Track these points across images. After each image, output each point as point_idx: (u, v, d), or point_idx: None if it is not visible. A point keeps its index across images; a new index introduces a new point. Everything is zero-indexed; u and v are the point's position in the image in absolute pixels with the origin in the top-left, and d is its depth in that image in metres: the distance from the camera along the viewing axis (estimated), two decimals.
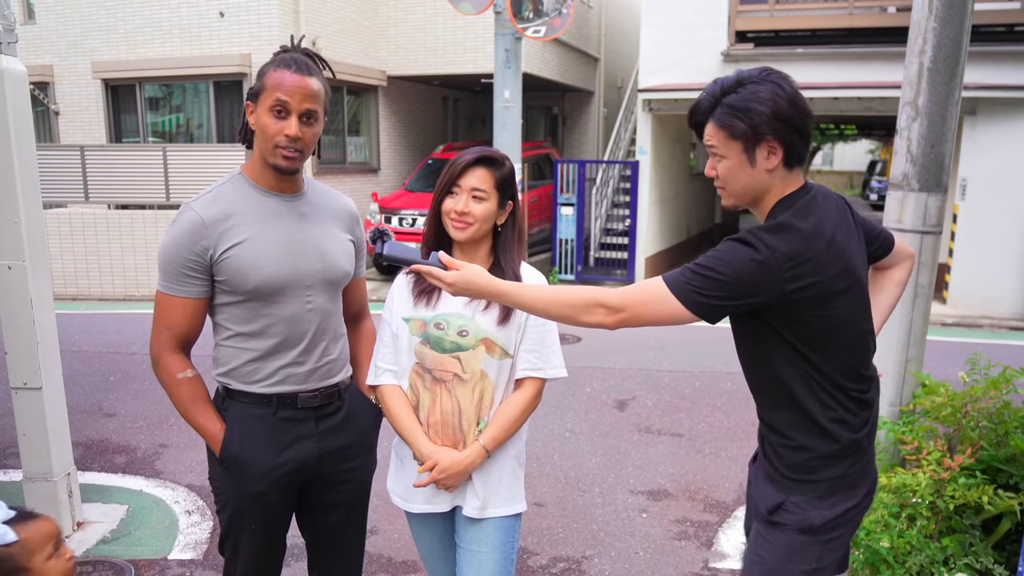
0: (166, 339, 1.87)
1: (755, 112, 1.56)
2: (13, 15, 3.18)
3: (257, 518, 1.96)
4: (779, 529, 1.72)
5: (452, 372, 1.89)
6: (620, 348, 6.97)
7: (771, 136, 1.57)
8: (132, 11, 10.97)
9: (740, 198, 1.69)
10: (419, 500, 1.97)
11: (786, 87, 1.58)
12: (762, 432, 1.82)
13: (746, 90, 1.58)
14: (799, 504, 1.70)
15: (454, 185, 1.88)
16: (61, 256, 9.31)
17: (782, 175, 1.63)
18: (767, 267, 1.54)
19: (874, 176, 26.55)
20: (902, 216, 2.76)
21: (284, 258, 1.88)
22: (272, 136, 1.83)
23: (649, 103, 10.43)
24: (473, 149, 1.93)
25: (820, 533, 1.69)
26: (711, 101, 1.62)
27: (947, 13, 2.61)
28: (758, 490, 1.79)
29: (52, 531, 1.54)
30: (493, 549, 1.95)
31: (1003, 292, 9.10)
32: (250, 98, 1.87)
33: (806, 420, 1.67)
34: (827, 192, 1.71)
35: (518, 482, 2.00)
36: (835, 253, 1.59)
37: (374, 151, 12.67)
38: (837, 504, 1.70)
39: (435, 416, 1.91)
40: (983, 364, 2.70)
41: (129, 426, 4.99)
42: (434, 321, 1.90)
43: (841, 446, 1.68)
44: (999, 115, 8.94)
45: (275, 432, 1.92)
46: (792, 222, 1.59)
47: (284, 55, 1.87)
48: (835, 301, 1.60)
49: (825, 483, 1.69)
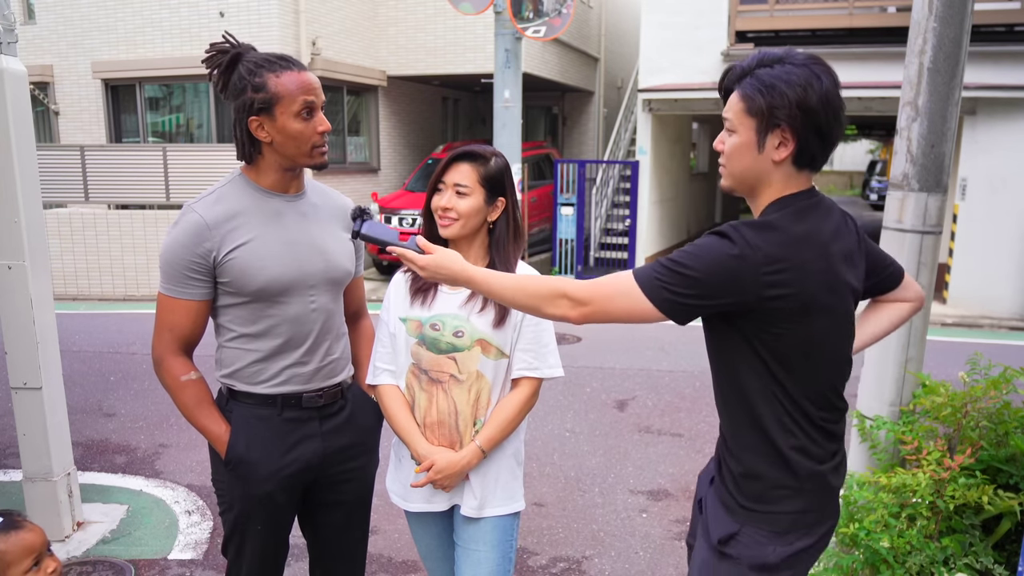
0: (169, 342, 1.86)
1: (779, 92, 1.42)
2: (13, 15, 3.18)
3: (263, 519, 1.96)
4: (729, 562, 1.58)
5: (448, 373, 1.88)
6: (620, 348, 6.98)
7: (786, 125, 1.43)
8: (132, 11, 10.97)
9: (737, 181, 1.56)
10: (417, 499, 1.97)
11: (824, 81, 1.43)
12: (720, 452, 1.66)
13: (783, 68, 1.44)
14: (754, 537, 1.55)
15: (439, 182, 1.89)
16: (61, 256, 9.31)
17: (788, 172, 1.49)
18: (744, 265, 1.40)
19: (874, 176, 26.55)
20: (902, 216, 2.75)
21: (288, 259, 1.87)
22: (308, 139, 1.82)
23: (649, 103, 10.43)
24: (462, 146, 1.93)
25: (774, 572, 1.55)
26: (745, 69, 1.49)
27: (947, 13, 2.61)
28: (711, 512, 1.64)
29: (34, 544, 1.53)
30: (491, 548, 1.95)
31: (1003, 292, 9.10)
32: (259, 112, 1.79)
33: (766, 444, 1.53)
34: (834, 205, 1.58)
35: (516, 481, 1.99)
36: (825, 265, 1.46)
37: (374, 151, 12.67)
38: (795, 542, 1.55)
39: (432, 417, 1.91)
40: (983, 364, 2.70)
41: (129, 426, 4.99)
42: (430, 322, 1.90)
43: (800, 478, 1.54)
44: (999, 115, 8.94)
45: (280, 433, 1.92)
46: (781, 223, 1.46)
47: (258, 55, 1.83)
48: (815, 318, 1.46)
49: (785, 517, 1.55)
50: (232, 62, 1.83)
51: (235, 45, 1.85)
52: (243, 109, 1.80)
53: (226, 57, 1.83)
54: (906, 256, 2.75)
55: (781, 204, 1.50)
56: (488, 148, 1.93)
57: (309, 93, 1.81)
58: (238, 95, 1.81)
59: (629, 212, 10.91)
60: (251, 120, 1.81)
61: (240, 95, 1.80)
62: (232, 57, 1.83)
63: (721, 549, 1.59)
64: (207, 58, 1.85)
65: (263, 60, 1.81)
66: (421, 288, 1.93)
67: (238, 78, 1.81)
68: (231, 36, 1.87)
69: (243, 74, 1.80)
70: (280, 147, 1.83)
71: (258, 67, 1.80)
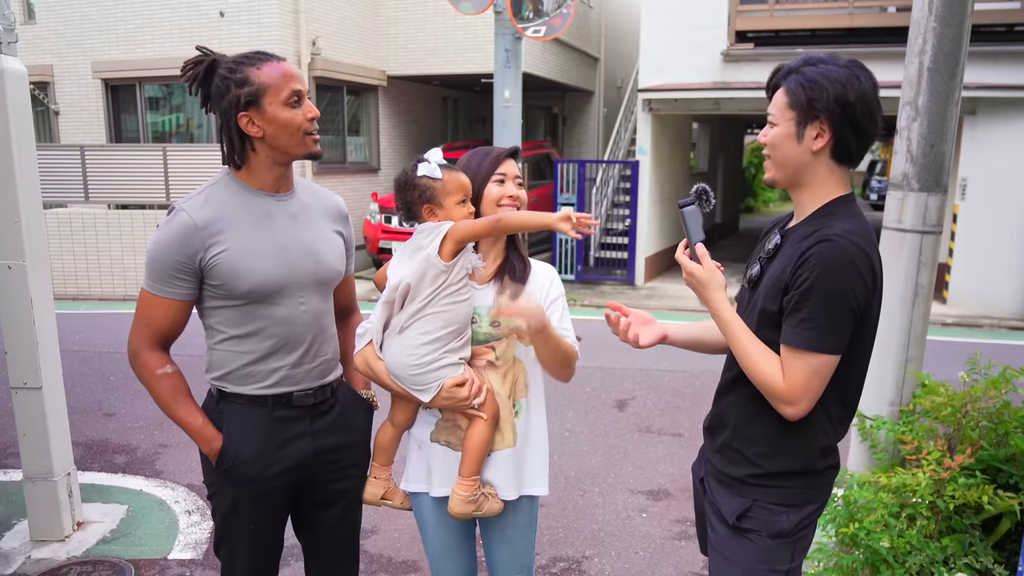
0: (146, 336, 1.86)
1: (820, 87, 1.53)
2: (13, 15, 3.18)
3: (255, 518, 1.96)
4: (748, 536, 1.69)
5: (486, 359, 1.93)
6: (620, 348, 6.95)
7: (825, 118, 1.54)
8: (132, 11, 10.97)
9: (782, 171, 1.64)
10: (442, 484, 1.97)
11: (864, 81, 1.55)
12: (724, 439, 1.76)
13: (826, 67, 1.56)
14: (767, 507, 1.67)
15: (497, 173, 1.95)
16: (61, 256, 9.31)
17: (829, 164, 1.60)
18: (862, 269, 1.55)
19: (874, 176, 26.55)
20: (902, 216, 2.76)
21: (277, 261, 1.87)
22: (299, 126, 1.83)
23: (649, 103, 10.42)
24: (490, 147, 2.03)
25: (791, 535, 1.67)
26: (791, 68, 1.61)
27: (947, 13, 2.61)
28: (721, 498, 1.75)
29: (466, 185, 1.88)
30: (523, 528, 2.03)
31: (1003, 292, 9.10)
32: (246, 107, 1.79)
33: (796, 438, 1.64)
34: None
35: (546, 461, 2.04)
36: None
37: (374, 151, 12.67)
38: (805, 506, 1.69)
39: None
40: (983, 364, 2.70)
41: (129, 426, 4.99)
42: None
43: (826, 460, 1.68)
44: (999, 115, 8.94)
45: (271, 431, 1.92)
46: (865, 225, 1.58)
47: (233, 56, 1.84)
48: (878, 315, 1.62)
49: (797, 491, 1.67)
50: (209, 70, 1.83)
51: (208, 54, 1.85)
52: (231, 107, 1.80)
53: (202, 67, 1.83)
54: (906, 256, 2.75)
55: (843, 203, 1.61)
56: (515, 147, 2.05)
57: (294, 82, 1.82)
58: (222, 96, 1.80)
59: (629, 212, 10.90)
60: (240, 117, 1.80)
61: (225, 95, 1.80)
62: (208, 65, 1.83)
63: (738, 525, 1.69)
64: (184, 75, 1.85)
65: (240, 58, 1.82)
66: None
67: (220, 80, 1.81)
68: (205, 48, 1.87)
69: (224, 75, 1.80)
70: (272, 139, 1.83)
71: (237, 65, 1.81)
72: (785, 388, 1.55)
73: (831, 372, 1.55)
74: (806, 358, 1.52)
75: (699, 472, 1.89)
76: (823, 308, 1.50)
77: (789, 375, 1.54)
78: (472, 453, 1.89)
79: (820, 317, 1.50)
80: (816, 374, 1.53)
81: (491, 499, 1.92)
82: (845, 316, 1.51)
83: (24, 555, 3.31)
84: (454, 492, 1.90)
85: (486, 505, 1.91)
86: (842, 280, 1.49)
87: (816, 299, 1.50)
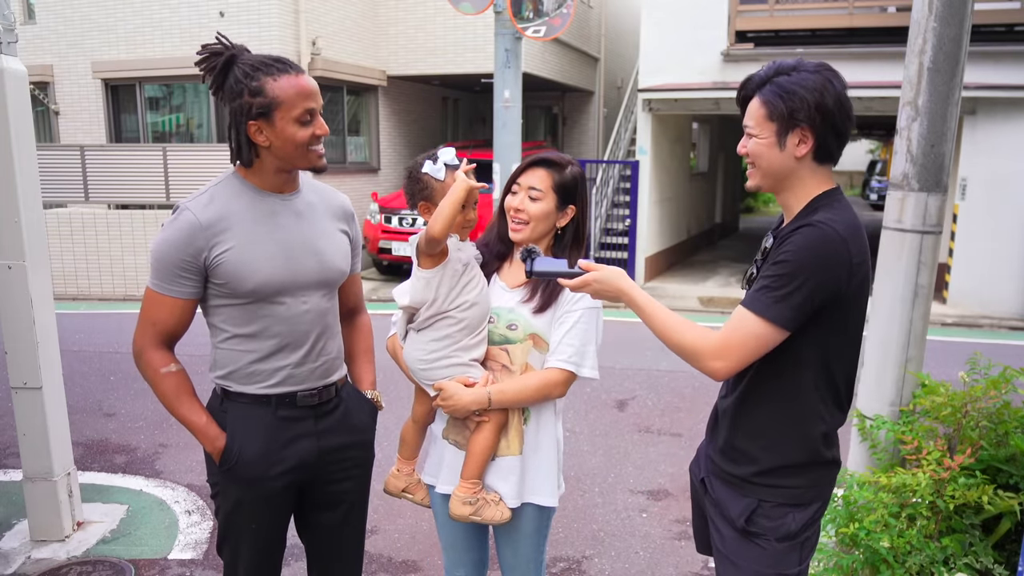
0: (151, 335, 1.86)
1: (799, 97, 1.56)
2: (13, 15, 3.18)
3: (258, 518, 1.96)
4: (756, 540, 1.69)
5: (500, 363, 1.93)
6: (620, 348, 6.97)
7: (806, 125, 1.57)
8: (132, 11, 10.97)
9: (766, 178, 1.67)
10: (447, 482, 1.98)
11: (837, 85, 1.58)
12: (725, 437, 1.77)
13: (799, 75, 1.58)
14: (773, 508, 1.68)
15: (514, 183, 1.94)
16: (61, 256, 9.31)
17: (811, 166, 1.63)
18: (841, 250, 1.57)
19: (874, 176, 26.55)
20: (902, 216, 2.75)
21: (281, 260, 1.87)
22: (304, 143, 1.82)
23: (649, 103, 10.42)
24: (542, 152, 1.98)
25: (797, 536, 1.69)
26: (764, 77, 1.62)
27: (947, 13, 2.61)
28: (726, 499, 1.75)
29: (473, 191, 1.82)
30: (528, 536, 2.02)
31: (1003, 292, 9.10)
32: (257, 117, 1.78)
33: (796, 430, 1.66)
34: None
35: (558, 473, 2.04)
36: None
37: (374, 151, 12.67)
38: (810, 505, 1.70)
39: None
40: (983, 364, 2.70)
41: (129, 426, 4.99)
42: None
43: (828, 450, 1.69)
44: (999, 115, 8.94)
45: (275, 431, 1.92)
46: (849, 211, 1.61)
47: (253, 57, 1.81)
48: (866, 305, 1.62)
49: (801, 490, 1.68)
50: (227, 64, 1.80)
51: (229, 47, 1.82)
52: (241, 113, 1.78)
53: (220, 59, 1.80)
54: (906, 256, 2.75)
55: (828, 197, 1.63)
56: (565, 156, 1.98)
57: (309, 100, 1.80)
58: (234, 98, 1.78)
59: (629, 212, 10.90)
60: (250, 125, 1.79)
61: (237, 99, 1.78)
62: (227, 59, 1.80)
63: (746, 528, 1.70)
64: (200, 60, 1.82)
65: (259, 63, 1.79)
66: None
67: (234, 81, 1.78)
68: (224, 37, 1.84)
69: (239, 77, 1.78)
70: (278, 151, 1.82)
71: (255, 70, 1.77)
72: (720, 342, 1.58)
73: (771, 345, 1.56)
74: (752, 320, 1.56)
75: (699, 472, 1.89)
76: (784, 280, 1.53)
77: (729, 330, 1.58)
78: (474, 457, 1.90)
79: (777, 288, 1.54)
80: (755, 339, 1.56)
81: (493, 505, 1.91)
82: (803, 294, 1.53)
83: (24, 555, 3.31)
84: (454, 493, 1.90)
85: (486, 510, 1.90)
86: (810, 260, 1.53)
87: (780, 271, 1.55)
